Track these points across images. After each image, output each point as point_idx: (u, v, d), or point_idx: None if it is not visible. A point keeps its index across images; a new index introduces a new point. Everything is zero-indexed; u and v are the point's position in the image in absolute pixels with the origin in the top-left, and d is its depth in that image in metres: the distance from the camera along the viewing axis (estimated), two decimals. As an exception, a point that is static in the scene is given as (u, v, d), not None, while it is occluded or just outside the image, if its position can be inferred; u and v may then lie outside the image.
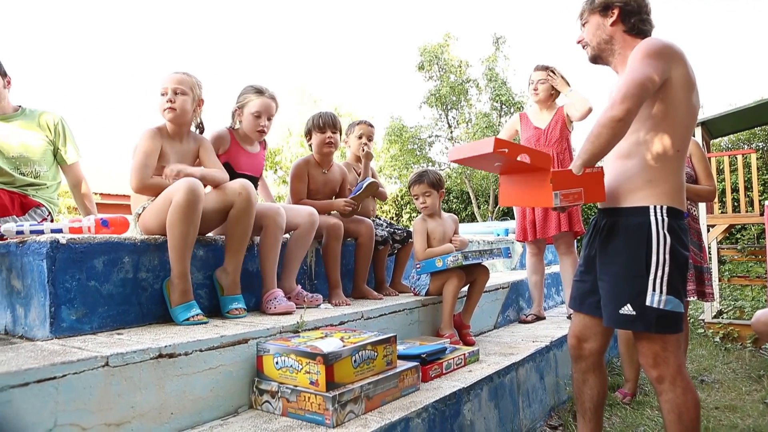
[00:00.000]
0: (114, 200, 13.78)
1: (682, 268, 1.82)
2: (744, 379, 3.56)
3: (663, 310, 1.76)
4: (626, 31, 1.93)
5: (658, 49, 1.77)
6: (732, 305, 5.85)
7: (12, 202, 2.66)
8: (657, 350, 1.81)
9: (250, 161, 2.78)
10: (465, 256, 2.78)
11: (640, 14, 1.92)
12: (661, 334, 1.79)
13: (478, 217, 14.29)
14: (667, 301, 1.76)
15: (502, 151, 1.88)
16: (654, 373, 1.83)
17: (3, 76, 2.73)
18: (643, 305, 1.77)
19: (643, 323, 1.78)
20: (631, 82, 1.71)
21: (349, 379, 1.79)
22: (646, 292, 1.77)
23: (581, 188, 1.86)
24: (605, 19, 1.95)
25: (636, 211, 1.82)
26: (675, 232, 1.80)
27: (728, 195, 5.98)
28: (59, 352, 1.56)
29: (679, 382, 1.79)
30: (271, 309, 2.35)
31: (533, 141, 3.75)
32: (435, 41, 15.75)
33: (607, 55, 1.99)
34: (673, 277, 1.77)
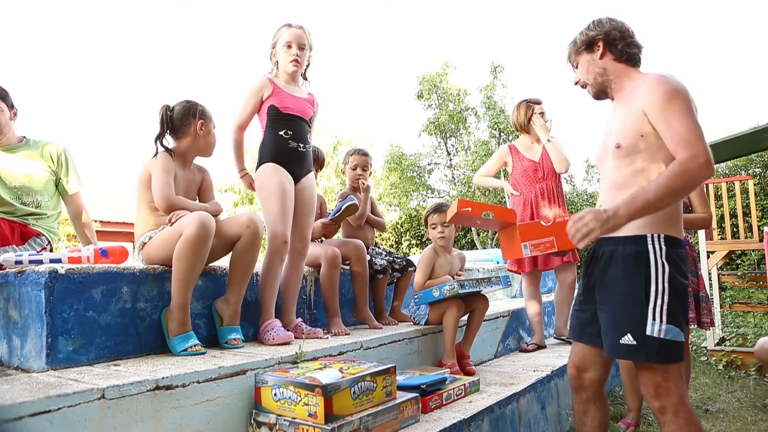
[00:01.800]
0: (114, 228, 13.78)
1: (682, 297, 1.80)
2: (749, 408, 3.51)
3: (664, 340, 1.74)
4: (616, 59, 1.95)
5: (681, 89, 1.76)
6: (734, 332, 5.80)
7: (12, 232, 2.67)
8: (658, 380, 1.79)
9: (296, 102, 2.69)
10: (461, 285, 2.76)
11: (624, 39, 1.94)
12: (662, 363, 1.77)
13: (477, 245, 14.28)
14: (668, 330, 1.74)
15: (466, 210, 2.06)
16: (656, 403, 1.80)
17: (10, 107, 2.77)
18: (643, 335, 1.75)
19: (644, 353, 1.76)
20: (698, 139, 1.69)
21: (348, 411, 1.77)
22: (646, 321, 1.75)
23: (552, 237, 1.93)
24: (593, 54, 1.98)
25: (634, 240, 1.82)
26: (673, 261, 1.79)
27: (727, 221, 5.97)
28: (55, 385, 1.55)
29: (682, 413, 1.76)
30: (269, 340, 2.34)
31: (531, 172, 3.78)
32: (434, 70, 16.00)
33: (606, 87, 2.00)
34: (673, 306, 1.76)
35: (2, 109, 2.71)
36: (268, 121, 2.63)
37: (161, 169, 2.32)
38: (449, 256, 3.08)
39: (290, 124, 2.63)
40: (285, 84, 2.71)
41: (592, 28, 1.98)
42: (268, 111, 2.63)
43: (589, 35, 1.98)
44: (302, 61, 2.71)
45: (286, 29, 2.69)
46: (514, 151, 3.89)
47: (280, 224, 2.47)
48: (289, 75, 2.72)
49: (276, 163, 2.58)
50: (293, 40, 2.67)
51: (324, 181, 15.42)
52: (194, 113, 2.46)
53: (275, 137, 2.61)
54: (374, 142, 22.68)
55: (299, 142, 2.64)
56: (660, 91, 1.77)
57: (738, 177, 8.76)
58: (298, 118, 2.67)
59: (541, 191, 3.77)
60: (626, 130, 1.85)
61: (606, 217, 1.72)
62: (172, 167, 2.37)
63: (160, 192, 2.28)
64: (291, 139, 2.61)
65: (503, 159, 3.93)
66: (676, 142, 1.72)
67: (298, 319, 2.61)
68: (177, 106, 2.47)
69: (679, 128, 1.72)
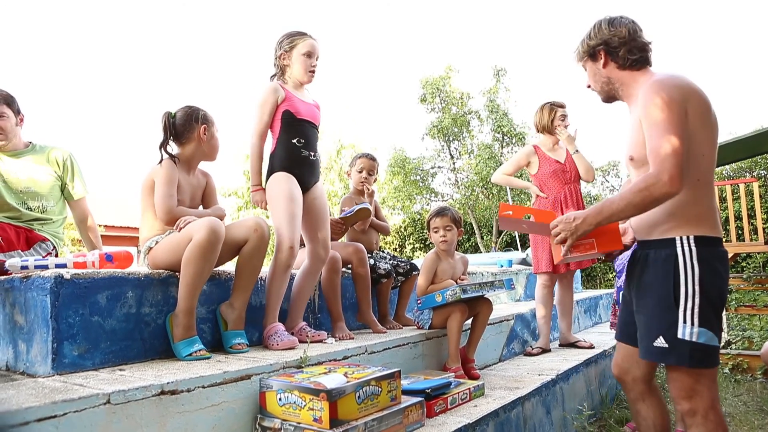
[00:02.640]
0: (119, 232, 13.83)
1: (715, 300, 1.76)
2: (756, 412, 3.49)
3: (696, 343, 1.72)
4: (619, 67, 1.93)
5: (669, 92, 1.73)
6: (740, 335, 5.77)
7: (18, 237, 2.68)
8: (691, 383, 1.76)
9: (307, 108, 2.70)
10: (464, 290, 2.75)
11: (625, 45, 1.89)
12: (695, 368, 1.74)
13: (481, 248, 14.26)
14: (700, 333, 1.72)
15: (507, 214, 2.00)
16: (686, 405, 1.78)
17: (16, 113, 2.79)
18: (675, 338, 1.74)
19: (676, 356, 1.74)
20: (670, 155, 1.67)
21: (353, 416, 1.76)
22: (677, 324, 1.74)
23: (593, 239, 1.89)
24: (596, 63, 1.97)
25: (663, 243, 1.81)
26: (706, 262, 1.76)
27: (732, 224, 5.95)
28: (60, 390, 1.55)
29: (712, 417, 1.75)
30: (273, 345, 2.33)
31: (559, 173, 3.76)
32: (437, 73, 16.00)
33: (614, 93, 1.99)
34: (704, 309, 1.73)
35: (8, 115, 2.73)
36: (282, 128, 2.60)
37: (164, 179, 2.33)
38: (452, 260, 3.06)
39: (303, 131, 2.62)
40: (293, 90, 2.70)
41: (592, 36, 1.96)
42: (283, 116, 2.60)
43: (590, 45, 1.96)
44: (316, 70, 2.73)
45: (305, 39, 2.67)
46: (538, 150, 3.84)
47: (287, 229, 2.46)
48: (299, 82, 2.71)
49: (287, 173, 2.57)
50: (313, 51, 2.67)
51: (327, 185, 15.44)
52: (196, 118, 2.47)
53: (288, 146, 2.59)
54: (377, 145, 22.72)
55: (310, 150, 2.64)
56: (647, 101, 1.76)
57: (742, 179, 8.73)
58: (310, 124, 2.66)
59: (569, 192, 3.76)
60: (635, 142, 1.85)
61: (575, 225, 1.82)
62: (176, 176, 2.38)
63: (162, 204, 2.29)
64: (303, 147, 2.61)
65: (528, 159, 3.87)
66: (649, 155, 1.73)
67: (303, 322, 2.61)
68: (179, 112, 2.48)
69: (654, 140, 1.71)
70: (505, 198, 14.24)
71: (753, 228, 6.57)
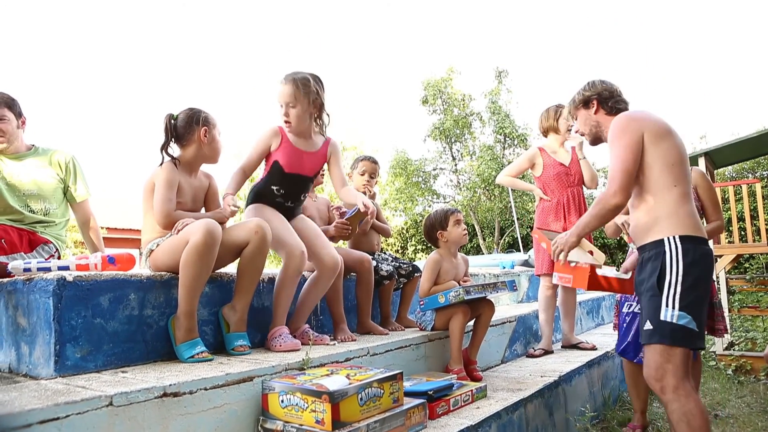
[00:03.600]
0: (121, 234, 13.85)
1: (697, 289, 2.02)
2: (759, 414, 3.48)
3: (676, 324, 1.98)
4: (607, 113, 2.37)
5: (622, 126, 2.15)
6: (743, 336, 5.76)
7: (20, 239, 2.68)
8: (660, 362, 2.01)
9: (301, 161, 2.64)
10: (467, 291, 2.75)
11: (613, 98, 2.37)
12: (674, 346, 1.98)
13: (483, 249, 14.25)
14: (680, 316, 1.98)
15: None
16: (657, 385, 2.03)
17: (18, 116, 2.79)
18: (658, 320, 2.01)
19: (659, 336, 2.01)
20: (618, 173, 2.09)
21: (355, 418, 1.76)
22: (661, 308, 2.01)
23: (571, 275, 2.42)
24: (588, 110, 2.41)
25: (654, 245, 2.10)
26: (690, 256, 2.02)
27: (734, 224, 5.94)
28: (63, 392, 1.55)
29: (681, 390, 1.98)
30: (276, 346, 2.33)
31: (563, 176, 3.75)
32: (438, 75, 16.03)
33: (600, 134, 2.41)
34: (686, 296, 1.99)
35: (9, 118, 2.73)
36: (268, 173, 2.61)
37: (163, 183, 2.32)
38: (455, 260, 3.07)
39: (287, 182, 2.61)
40: (295, 137, 2.62)
41: (587, 89, 2.40)
42: (272, 165, 2.59)
43: (585, 95, 2.40)
44: (293, 117, 2.55)
45: (277, 86, 2.59)
46: (543, 152, 3.83)
47: (289, 237, 2.47)
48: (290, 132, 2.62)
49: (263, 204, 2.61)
50: (279, 99, 2.57)
51: (329, 186, 15.43)
52: (197, 120, 2.45)
53: (267, 190, 2.61)
54: (379, 147, 22.73)
55: (290, 200, 2.65)
56: (610, 133, 2.20)
57: (745, 180, 8.72)
58: (298, 177, 2.63)
59: (572, 195, 3.75)
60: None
61: (566, 240, 2.28)
62: (175, 179, 2.37)
63: (160, 208, 2.29)
64: (281, 197, 2.62)
65: (532, 160, 3.86)
66: (609, 176, 2.16)
67: (306, 325, 2.61)
68: (180, 114, 2.47)
69: (612, 165, 2.14)
70: (507, 200, 14.22)
71: (756, 229, 6.55)
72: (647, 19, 50.45)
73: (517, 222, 12.19)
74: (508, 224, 14.99)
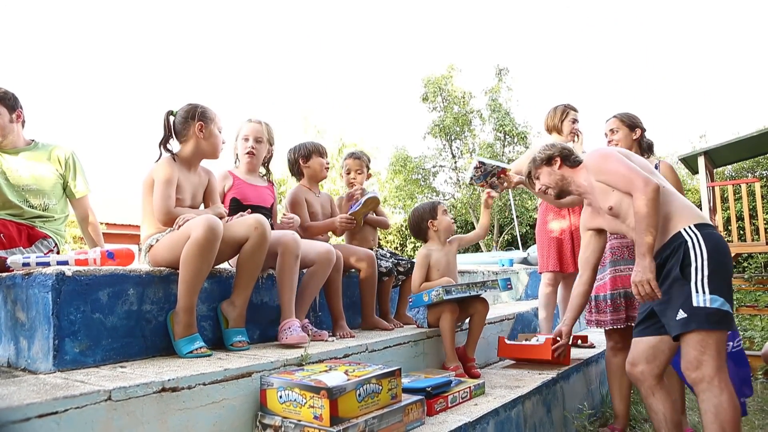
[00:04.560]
0: (120, 230, 13.83)
1: (722, 271, 2.06)
2: (757, 413, 3.49)
3: (710, 308, 1.99)
4: (570, 166, 2.54)
5: (602, 150, 2.41)
6: (741, 336, 5.76)
7: (19, 234, 2.68)
8: (696, 354, 2.02)
9: (255, 191, 2.85)
10: (447, 291, 2.75)
11: (572, 155, 2.54)
12: (714, 330, 2.00)
13: (482, 247, 14.26)
14: (712, 299, 2.00)
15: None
16: (693, 375, 2.03)
17: (11, 110, 2.75)
18: (692, 307, 2.02)
19: (697, 322, 2.01)
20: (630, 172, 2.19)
21: (353, 414, 1.77)
22: (692, 295, 2.03)
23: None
24: (552, 167, 2.55)
25: (673, 239, 2.15)
26: (710, 240, 2.08)
27: (733, 224, 5.95)
28: (62, 386, 1.56)
29: (716, 382, 1.98)
30: (283, 339, 2.30)
31: None
32: (439, 73, 16.02)
33: (566, 187, 2.55)
34: (713, 279, 2.02)
35: (0, 112, 2.71)
36: (230, 211, 2.72)
37: (162, 180, 2.32)
38: (444, 248, 3.09)
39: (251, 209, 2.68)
40: (245, 174, 2.90)
41: (548, 149, 2.56)
42: (230, 203, 2.79)
43: (548, 153, 2.55)
44: (258, 153, 2.90)
45: (245, 124, 2.93)
46: None
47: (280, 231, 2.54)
48: (247, 166, 2.91)
49: None
50: (250, 134, 2.89)
51: (329, 183, 15.43)
52: (194, 116, 2.44)
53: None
54: (379, 144, 22.72)
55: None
56: (594, 161, 2.38)
57: (744, 179, 8.72)
58: (259, 207, 2.79)
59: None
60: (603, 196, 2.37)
61: (642, 268, 2.12)
62: (174, 176, 2.37)
63: (160, 205, 2.29)
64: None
65: None
66: (624, 183, 2.22)
67: (306, 320, 2.61)
68: (179, 111, 2.47)
69: (617, 177, 2.25)
70: (506, 197, 14.22)
71: (755, 228, 6.56)
72: (647, 18, 50.37)
73: (516, 220, 12.19)
74: (507, 222, 15.00)
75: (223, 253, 2.29)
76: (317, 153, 3.19)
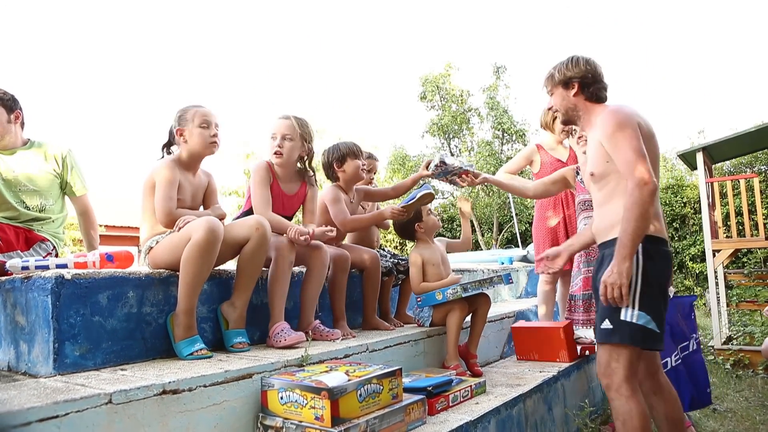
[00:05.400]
0: (119, 232, 13.81)
1: (654, 289, 2.01)
2: (757, 408, 3.50)
3: (635, 324, 1.97)
4: (587, 99, 2.23)
5: (622, 118, 2.06)
6: (741, 331, 5.77)
7: (17, 237, 2.67)
8: (608, 360, 2.03)
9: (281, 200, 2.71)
10: (464, 288, 2.76)
11: (596, 83, 2.22)
12: (634, 346, 2.00)
13: (482, 245, 14.26)
14: (639, 316, 1.97)
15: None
16: (604, 381, 2.07)
17: (10, 110, 2.74)
18: (618, 320, 2.00)
19: (619, 336, 2.00)
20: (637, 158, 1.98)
21: (354, 414, 1.76)
22: (621, 308, 1.99)
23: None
24: (568, 91, 2.25)
25: (615, 242, 2.03)
26: (650, 256, 2.01)
27: (732, 219, 5.95)
28: (62, 390, 1.55)
29: (624, 391, 1.99)
30: (279, 342, 2.31)
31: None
32: (436, 71, 15.98)
33: (575, 118, 2.30)
34: (645, 296, 1.98)
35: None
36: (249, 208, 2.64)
37: (164, 181, 2.32)
38: (433, 245, 3.10)
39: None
40: (281, 173, 2.71)
41: (570, 67, 2.23)
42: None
43: (567, 75, 2.23)
44: (288, 152, 2.64)
45: (273, 121, 2.70)
46: (541, 149, 3.84)
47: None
48: (278, 166, 2.69)
49: None
50: (277, 132, 2.65)
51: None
52: (176, 121, 2.46)
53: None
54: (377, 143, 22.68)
55: None
56: (609, 124, 2.07)
57: (743, 175, 8.72)
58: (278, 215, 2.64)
59: (570, 192, 3.76)
60: (596, 160, 2.16)
61: (619, 272, 1.97)
62: (176, 178, 2.37)
63: (161, 206, 2.29)
64: None
65: (530, 157, 3.88)
66: (623, 168, 2.02)
67: (317, 321, 2.61)
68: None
69: (623, 155, 2.01)
70: (505, 195, 14.21)
71: (753, 223, 6.56)
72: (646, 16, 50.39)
73: (516, 218, 12.17)
74: (506, 220, 14.99)
75: (224, 254, 2.28)
76: (352, 155, 3.00)
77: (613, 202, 2.12)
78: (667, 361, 2.86)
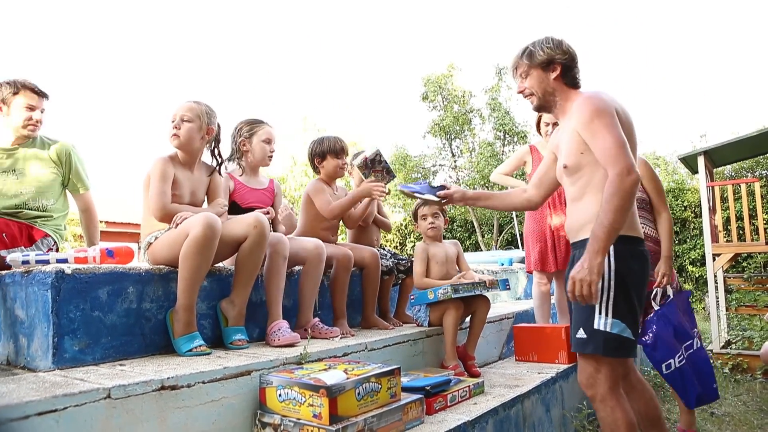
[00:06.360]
0: (120, 228, 13.82)
1: (630, 295, 1.90)
2: (755, 412, 3.49)
3: (609, 333, 1.87)
4: (567, 84, 2.08)
5: (601, 105, 1.90)
6: (740, 335, 5.77)
7: (21, 233, 2.68)
8: (591, 371, 1.96)
9: (253, 195, 2.83)
10: (455, 289, 2.75)
11: (576, 67, 2.08)
12: (608, 357, 1.91)
13: (482, 246, 14.25)
14: (613, 324, 1.87)
15: None
16: (589, 392, 1.99)
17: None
18: (592, 328, 1.90)
19: (593, 346, 1.91)
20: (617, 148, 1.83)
21: (352, 412, 1.77)
22: (594, 316, 1.90)
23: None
24: (548, 73, 2.06)
25: (585, 243, 1.88)
26: (623, 259, 1.90)
27: (733, 224, 5.95)
28: (61, 384, 1.56)
29: (609, 401, 1.93)
30: (274, 341, 2.33)
31: None
32: (439, 71, 15.97)
33: (551, 105, 2.12)
34: (619, 303, 1.88)
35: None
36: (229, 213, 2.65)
37: (157, 176, 2.32)
38: (441, 245, 3.10)
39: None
40: (246, 178, 2.84)
41: (552, 48, 2.05)
42: (231, 206, 2.71)
43: (549, 55, 2.05)
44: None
45: (263, 126, 2.84)
46: (534, 151, 3.87)
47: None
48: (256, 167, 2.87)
49: None
50: (272, 138, 2.84)
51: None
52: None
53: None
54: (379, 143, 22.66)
55: None
56: (586, 111, 1.91)
57: (744, 179, 8.72)
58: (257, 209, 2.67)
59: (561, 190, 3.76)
60: (569, 151, 2.01)
61: (590, 267, 1.79)
62: (170, 173, 2.36)
63: (155, 200, 2.28)
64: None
65: (523, 158, 3.91)
66: (603, 157, 1.87)
67: (316, 319, 2.61)
68: None
69: (603, 144, 1.86)
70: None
71: (754, 228, 6.56)
72: (647, 18, 50.36)
73: (516, 219, 12.18)
74: (506, 221, 14.99)
75: (222, 251, 2.28)
76: (333, 154, 3.07)
77: (587, 197, 1.99)
78: (671, 363, 2.83)
